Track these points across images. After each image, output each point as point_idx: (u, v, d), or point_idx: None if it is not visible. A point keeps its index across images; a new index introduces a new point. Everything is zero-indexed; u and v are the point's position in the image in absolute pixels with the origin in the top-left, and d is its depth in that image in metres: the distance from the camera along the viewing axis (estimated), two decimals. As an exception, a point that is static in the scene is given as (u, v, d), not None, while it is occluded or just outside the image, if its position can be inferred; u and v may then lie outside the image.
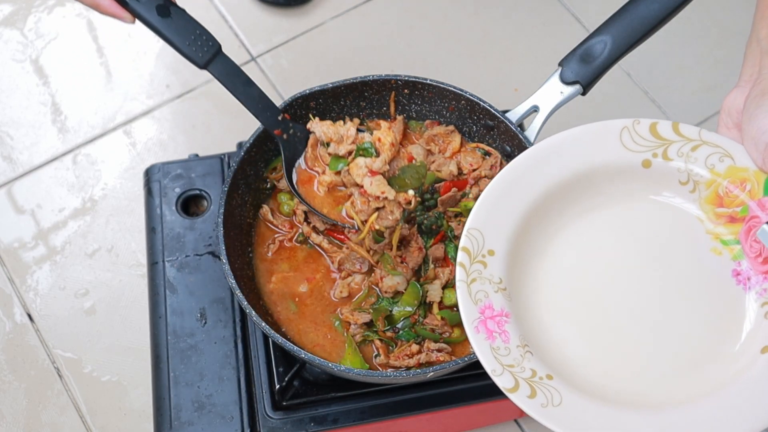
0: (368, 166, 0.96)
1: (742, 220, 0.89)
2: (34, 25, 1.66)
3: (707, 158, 0.91)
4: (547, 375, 0.85)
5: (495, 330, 0.87)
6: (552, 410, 0.82)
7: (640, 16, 1.01)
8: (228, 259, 1.00)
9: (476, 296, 0.88)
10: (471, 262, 0.90)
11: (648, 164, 0.92)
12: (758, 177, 0.87)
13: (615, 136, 0.93)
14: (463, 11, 1.67)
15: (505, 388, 0.83)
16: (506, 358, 0.85)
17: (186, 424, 1.07)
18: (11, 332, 1.36)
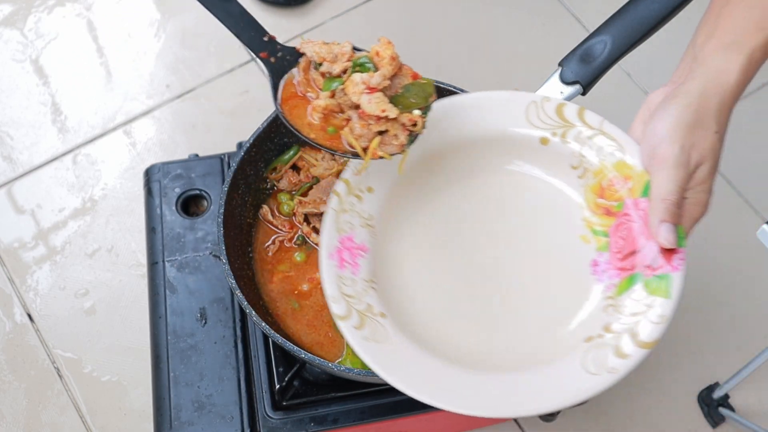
0: (365, 82, 0.87)
1: (615, 215, 0.91)
2: (34, 25, 1.66)
3: (601, 149, 0.93)
4: (381, 313, 0.87)
5: (348, 260, 0.89)
6: (372, 345, 0.84)
7: (640, 16, 1.01)
8: (228, 259, 1.00)
9: (342, 226, 0.91)
10: (348, 193, 0.92)
11: (546, 142, 0.95)
12: (641, 177, 0.88)
13: (521, 108, 0.96)
14: (463, 11, 1.67)
15: (336, 315, 0.85)
16: (348, 288, 0.87)
17: (186, 424, 1.07)
18: (11, 332, 1.37)
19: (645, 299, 0.84)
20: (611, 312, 0.86)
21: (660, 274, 0.84)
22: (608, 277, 0.89)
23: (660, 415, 1.29)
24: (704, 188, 0.84)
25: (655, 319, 0.83)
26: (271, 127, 1.09)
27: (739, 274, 1.40)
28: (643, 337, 0.82)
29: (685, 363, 1.33)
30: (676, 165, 0.82)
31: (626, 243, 0.88)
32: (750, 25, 0.86)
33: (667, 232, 0.82)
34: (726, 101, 0.85)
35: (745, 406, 1.30)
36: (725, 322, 1.37)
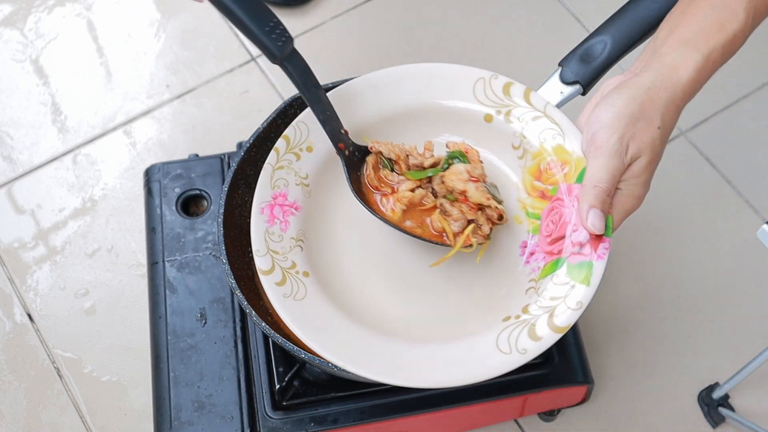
0: (469, 171, 0.91)
1: (549, 199, 0.91)
2: (34, 25, 1.66)
3: (543, 131, 0.93)
4: (305, 272, 0.89)
5: (278, 217, 0.91)
6: (291, 302, 0.85)
7: (640, 16, 1.01)
8: (228, 259, 1.00)
9: (276, 182, 0.92)
10: (286, 150, 0.93)
11: (489, 119, 0.96)
12: (578, 163, 0.89)
13: (469, 83, 0.96)
14: (463, 11, 1.67)
15: (261, 269, 0.86)
16: (275, 244, 0.89)
17: (186, 424, 1.07)
18: (11, 332, 1.36)
19: (566, 284, 0.84)
20: (532, 294, 0.87)
21: (583, 261, 0.84)
22: (535, 259, 0.90)
23: (660, 415, 1.29)
24: (639, 181, 0.84)
25: (572, 305, 0.83)
26: (271, 127, 1.09)
27: (739, 274, 1.40)
28: (558, 321, 0.82)
29: (685, 363, 1.33)
30: (611, 154, 0.82)
31: (556, 227, 0.89)
32: (712, 24, 0.85)
33: (594, 218, 0.82)
34: (675, 98, 0.84)
35: (745, 406, 1.30)
36: (725, 322, 1.37)
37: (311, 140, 0.95)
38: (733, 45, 0.87)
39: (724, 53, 0.86)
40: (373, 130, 0.97)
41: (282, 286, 0.86)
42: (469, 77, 0.97)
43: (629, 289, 1.39)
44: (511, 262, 0.92)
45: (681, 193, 1.48)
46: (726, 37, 0.85)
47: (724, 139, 1.53)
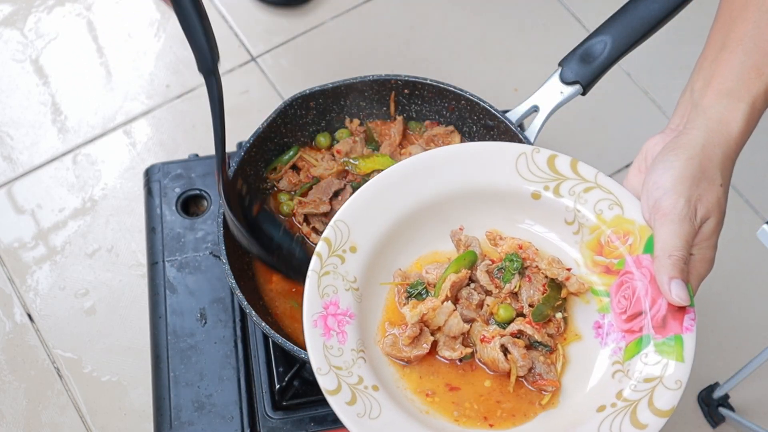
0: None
1: (616, 273, 0.85)
2: (34, 25, 1.66)
3: (597, 203, 0.87)
4: (374, 386, 0.81)
5: (334, 328, 0.83)
6: (367, 422, 0.78)
7: (640, 16, 1.01)
8: (228, 259, 1.00)
9: (324, 290, 0.84)
10: (329, 254, 0.85)
11: (538, 196, 0.89)
12: (642, 232, 0.84)
13: (511, 160, 0.90)
14: (463, 11, 1.67)
15: (326, 389, 0.79)
16: (336, 359, 0.81)
17: (186, 424, 1.07)
18: (11, 332, 1.37)
19: (657, 363, 0.79)
20: (621, 378, 0.81)
21: (671, 336, 0.79)
22: (613, 340, 0.84)
23: (660, 415, 1.29)
24: (710, 244, 0.80)
25: (671, 384, 0.77)
26: (271, 127, 1.10)
27: (739, 274, 1.40)
28: (660, 404, 0.77)
29: (685, 363, 1.33)
30: (681, 219, 0.78)
31: (630, 303, 0.83)
32: (750, 71, 0.82)
33: (678, 289, 0.77)
34: (730, 152, 0.81)
35: (745, 406, 1.30)
36: (725, 322, 1.37)
37: (354, 239, 0.87)
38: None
39: (767, 98, 0.83)
40: (414, 221, 0.89)
41: (353, 406, 0.78)
42: (509, 153, 0.90)
43: (629, 289, 1.39)
44: (587, 345, 0.85)
45: (681, 193, 1.48)
46: (766, 81, 0.82)
47: (724, 139, 1.53)
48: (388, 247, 0.88)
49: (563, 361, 0.85)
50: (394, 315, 0.87)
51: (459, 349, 0.85)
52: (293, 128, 1.14)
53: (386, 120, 1.17)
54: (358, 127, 1.16)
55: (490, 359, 0.84)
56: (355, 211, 0.87)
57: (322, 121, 1.16)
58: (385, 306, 0.88)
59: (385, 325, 0.86)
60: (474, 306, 0.87)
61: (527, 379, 0.84)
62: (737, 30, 0.84)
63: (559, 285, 0.87)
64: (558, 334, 0.86)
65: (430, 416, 0.82)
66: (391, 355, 0.85)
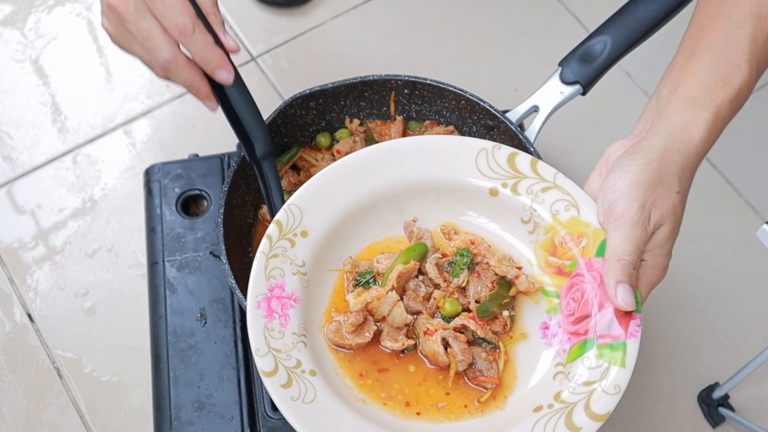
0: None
1: (568, 275, 0.85)
2: (34, 25, 1.66)
3: (554, 203, 0.87)
4: (311, 371, 0.81)
5: (277, 311, 0.83)
6: (300, 405, 0.78)
7: (640, 16, 1.01)
8: (228, 259, 1.00)
9: (271, 272, 0.84)
10: (279, 237, 0.85)
11: (495, 193, 0.89)
12: (597, 235, 0.83)
13: (472, 155, 0.90)
14: (463, 11, 1.67)
15: (263, 371, 0.78)
16: (276, 342, 0.81)
17: (186, 424, 1.07)
18: (11, 332, 1.36)
19: (598, 367, 0.78)
20: (561, 380, 0.81)
21: (615, 341, 0.78)
22: (559, 341, 0.84)
23: (660, 415, 1.29)
24: (663, 251, 0.79)
25: (610, 389, 0.77)
26: (271, 127, 1.10)
27: (739, 274, 1.40)
28: (596, 408, 0.76)
29: (685, 363, 1.33)
30: (634, 224, 0.77)
31: (579, 306, 0.82)
32: (716, 80, 0.82)
33: (624, 294, 0.76)
34: (690, 160, 0.81)
35: (745, 406, 1.30)
36: (725, 322, 1.37)
37: (306, 224, 0.86)
38: (739, 99, 0.83)
39: (731, 108, 0.83)
40: (363, 213, 0.90)
41: (288, 389, 0.78)
42: (470, 149, 0.90)
43: (629, 289, 1.39)
44: (533, 346, 0.85)
45: (681, 193, 1.48)
46: (731, 92, 0.82)
47: (725, 139, 1.52)
48: (341, 233, 0.88)
49: (506, 359, 0.85)
50: (340, 302, 0.87)
51: (401, 340, 0.85)
52: (293, 128, 1.14)
53: (386, 120, 1.17)
54: (358, 127, 1.16)
55: (431, 352, 0.84)
56: (310, 195, 0.87)
57: (322, 121, 1.16)
58: (333, 292, 0.88)
59: (331, 312, 0.87)
60: (421, 298, 0.87)
61: (467, 375, 0.84)
62: (706, 39, 0.84)
63: (509, 283, 0.87)
64: (504, 332, 0.86)
65: (365, 405, 0.82)
66: (334, 342, 0.85)
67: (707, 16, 0.85)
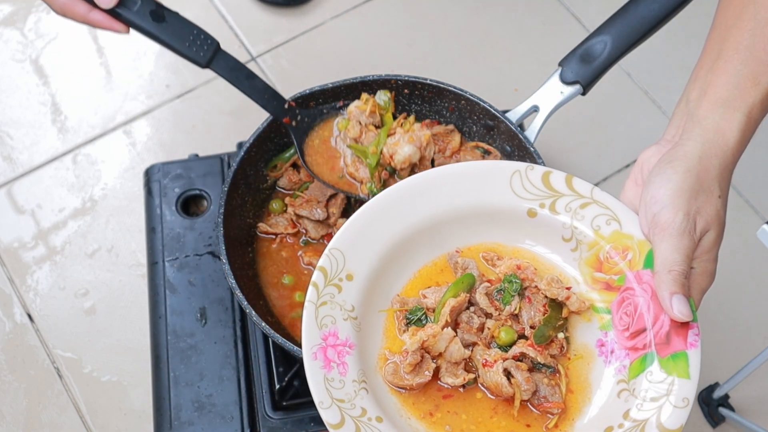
0: None
1: (617, 290, 0.84)
2: (34, 25, 1.66)
3: (594, 218, 0.86)
4: (377, 417, 0.79)
5: (334, 359, 0.81)
6: None
7: (640, 16, 1.01)
8: (228, 259, 1.00)
9: (322, 321, 0.82)
10: (325, 284, 0.83)
11: (533, 214, 0.88)
12: (642, 247, 0.82)
13: (506, 178, 0.88)
14: (463, 11, 1.67)
15: (329, 423, 0.77)
16: (338, 392, 0.79)
17: (186, 424, 1.07)
18: (11, 332, 1.36)
19: (663, 381, 0.78)
20: (627, 397, 0.80)
21: (676, 353, 0.78)
22: (617, 358, 0.83)
23: (660, 415, 1.29)
24: (710, 257, 0.79)
25: (678, 403, 0.76)
26: (271, 127, 1.09)
27: (739, 274, 1.40)
28: (668, 424, 0.75)
29: (685, 363, 1.33)
30: (681, 233, 0.77)
31: (633, 320, 0.81)
32: (745, 80, 0.81)
33: (680, 305, 0.76)
34: (727, 163, 0.80)
35: (745, 406, 1.30)
36: (725, 322, 1.37)
37: (349, 267, 0.85)
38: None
39: (763, 108, 0.82)
40: (403, 247, 0.88)
41: None
42: (504, 172, 0.88)
43: (629, 289, 1.39)
44: (592, 365, 0.84)
45: (681, 193, 1.48)
46: (762, 91, 0.81)
47: (724, 139, 1.53)
48: (385, 272, 0.87)
49: (567, 381, 0.84)
50: (393, 342, 0.86)
51: (461, 374, 0.84)
52: (293, 128, 1.14)
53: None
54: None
55: (494, 384, 0.83)
56: (350, 237, 0.85)
57: (322, 121, 1.16)
58: (385, 333, 0.86)
59: (386, 353, 0.85)
60: (475, 330, 0.86)
61: (532, 403, 0.83)
62: (733, 39, 0.83)
63: (560, 304, 0.86)
64: (561, 355, 0.85)
65: None
66: (394, 384, 0.83)
67: (731, 17, 0.85)
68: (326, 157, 1.09)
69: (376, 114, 1.09)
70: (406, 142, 1.02)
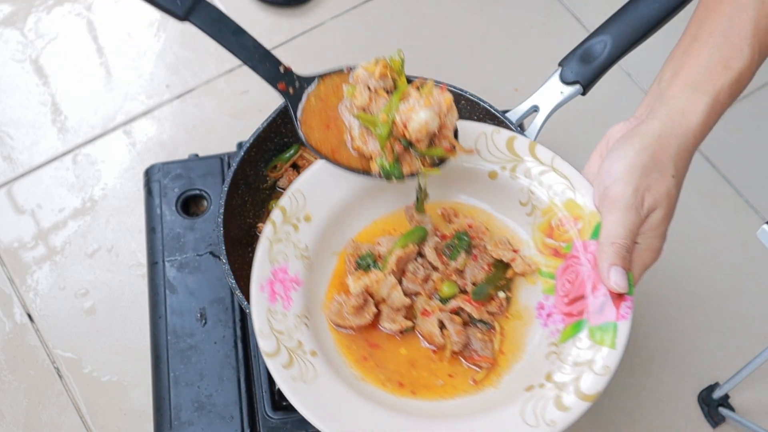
0: None
1: (564, 257, 0.86)
2: (34, 25, 1.66)
3: (552, 186, 0.88)
4: (312, 351, 0.82)
5: (280, 293, 0.84)
6: (301, 385, 0.79)
7: (640, 16, 1.01)
8: (228, 259, 1.00)
9: (275, 256, 0.86)
10: (283, 222, 0.88)
11: (494, 176, 0.91)
12: (592, 218, 0.84)
13: (471, 139, 0.91)
14: (463, 11, 1.67)
15: (265, 352, 0.80)
16: (279, 324, 0.83)
17: (186, 424, 1.07)
18: (11, 332, 1.37)
19: (590, 348, 0.80)
20: (554, 360, 0.82)
21: (606, 322, 0.80)
22: (553, 322, 0.85)
23: (660, 415, 1.29)
24: (656, 234, 0.80)
25: (599, 370, 0.78)
26: (271, 127, 1.09)
27: (739, 275, 1.40)
28: (585, 389, 0.77)
29: (685, 363, 1.33)
30: (627, 208, 0.78)
31: (573, 287, 0.84)
32: (717, 64, 0.82)
33: (617, 276, 0.78)
34: (686, 144, 0.81)
35: (745, 406, 1.30)
36: (725, 322, 1.37)
37: (309, 209, 0.89)
38: (739, 83, 0.83)
39: (731, 93, 0.83)
40: (367, 195, 0.91)
41: (289, 369, 0.80)
42: (470, 133, 0.92)
43: (629, 289, 1.39)
44: (529, 326, 0.87)
45: (681, 193, 1.48)
46: (732, 76, 0.82)
47: (724, 139, 1.53)
48: (343, 217, 0.90)
49: (502, 339, 0.87)
50: (342, 284, 0.89)
51: (400, 321, 0.87)
52: (293, 128, 1.14)
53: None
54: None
55: (428, 332, 0.86)
56: (314, 182, 0.88)
57: (322, 121, 1.16)
58: (334, 275, 0.90)
59: (333, 294, 0.88)
60: (420, 280, 0.89)
61: (463, 355, 0.86)
62: (710, 22, 0.84)
63: (506, 265, 0.88)
64: (500, 313, 0.88)
65: (363, 384, 0.83)
66: (335, 323, 0.87)
67: (713, 1, 0.86)
68: (325, 120, 0.96)
69: (387, 77, 0.96)
70: (422, 106, 0.89)
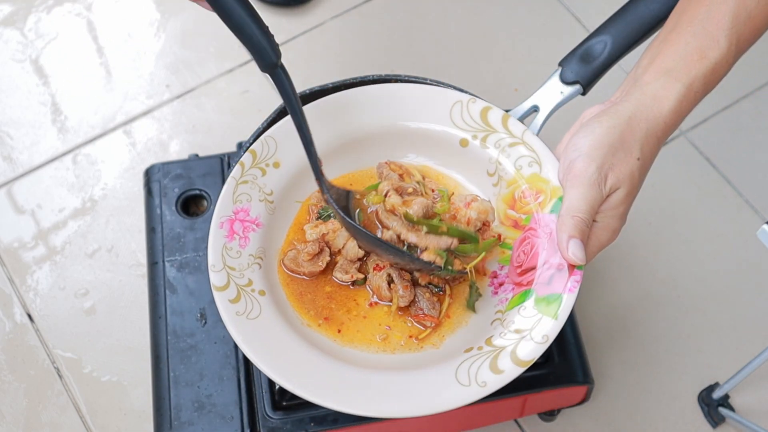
0: None
1: (522, 228, 0.88)
2: (34, 25, 1.66)
3: (519, 158, 0.91)
4: (261, 290, 0.85)
5: (238, 232, 0.87)
6: (243, 320, 0.82)
7: (640, 16, 1.01)
8: (228, 259, 1.00)
9: (239, 197, 0.89)
10: (252, 165, 0.90)
11: (465, 143, 0.93)
12: (554, 192, 0.86)
13: (447, 106, 0.94)
14: (463, 11, 1.67)
15: (215, 285, 0.83)
16: (233, 261, 0.86)
17: (186, 424, 1.07)
18: (11, 332, 1.36)
19: (532, 317, 0.81)
20: (497, 325, 0.84)
21: (553, 293, 0.81)
22: (503, 291, 0.87)
23: (660, 415, 1.29)
24: (615, 213, 0.81)
25: (538, 339, 0.80)
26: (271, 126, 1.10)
27: (739, 274, 1.40)
28: (522, 355, 0.79)
29: (685, 363, 1.33)
30: (590, 183, 0.79)
31: (527, 258, 0.85)
32: (692, 53, 0.83)
33: (575, 248, 0.79)
34: (655, 129, 0.82)
35: (745, 406, 1.30)
36: (725, 322, 1.37)
37: (279, 156, 0.92)
38: (714, 74, 0.84)
39: (706, 83, 0.84)
40: (341, 149, 0.94)
41: (235, 304, 0.83)
42: (446, 100, 0.94)
43: (629, 288, 1.39)
44: (481, 293, 0.90)
45: (681, 193, 1.48)
46: (707, 66, 0.83)
47: (724, 139, 1.53)
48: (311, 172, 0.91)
49: (451, 302, 0.89)
50: (302, 232, 0.92)
51: (352, 272, 0.89)
52: (293, 128, 1.14)
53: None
54: None
55: (376, 286, 0.88)
56: (288, 129, 0.90)
57: (322, 121, 1.15)
58: (295, 222, 0.93)
59: (293, 241, 0.91)
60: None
61: (411, 312, 0.88)
62: (690, 12, 0.85)
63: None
64: (453, 280, 0.90)
65: (308, 329, 0.86)
66: (289, 268, 0.90)
67: None
68: None
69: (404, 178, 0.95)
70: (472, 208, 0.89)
